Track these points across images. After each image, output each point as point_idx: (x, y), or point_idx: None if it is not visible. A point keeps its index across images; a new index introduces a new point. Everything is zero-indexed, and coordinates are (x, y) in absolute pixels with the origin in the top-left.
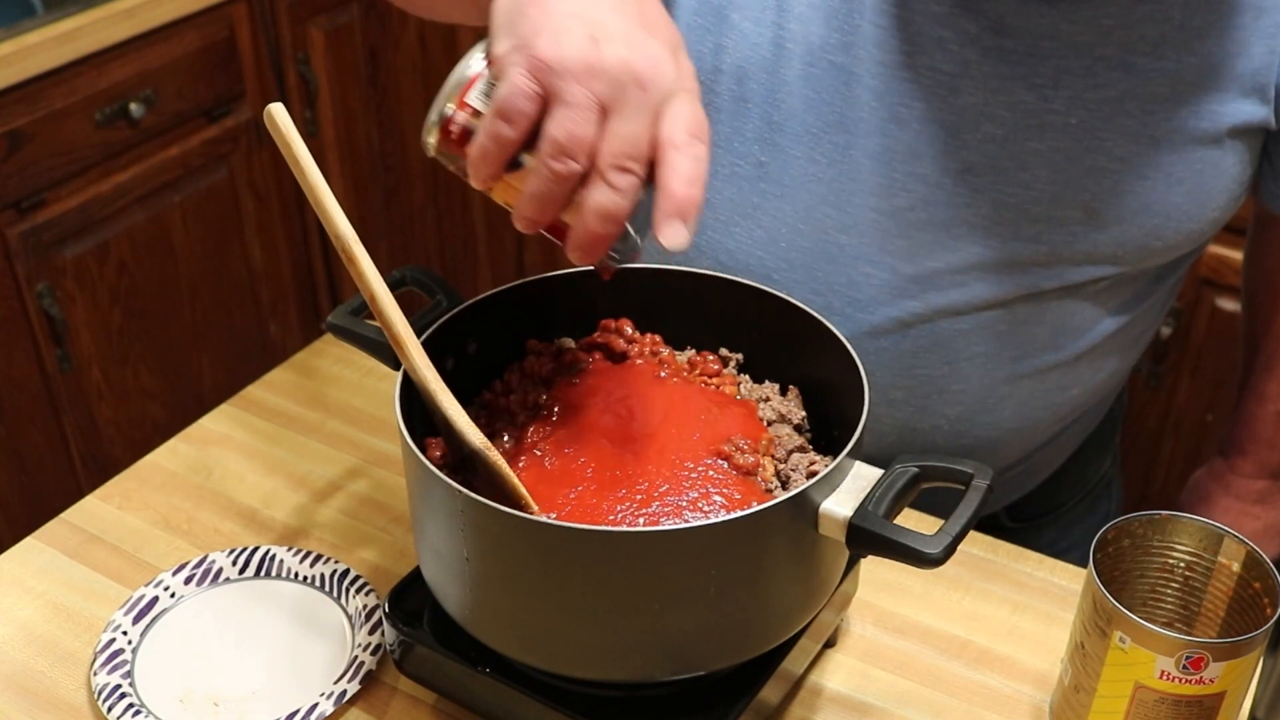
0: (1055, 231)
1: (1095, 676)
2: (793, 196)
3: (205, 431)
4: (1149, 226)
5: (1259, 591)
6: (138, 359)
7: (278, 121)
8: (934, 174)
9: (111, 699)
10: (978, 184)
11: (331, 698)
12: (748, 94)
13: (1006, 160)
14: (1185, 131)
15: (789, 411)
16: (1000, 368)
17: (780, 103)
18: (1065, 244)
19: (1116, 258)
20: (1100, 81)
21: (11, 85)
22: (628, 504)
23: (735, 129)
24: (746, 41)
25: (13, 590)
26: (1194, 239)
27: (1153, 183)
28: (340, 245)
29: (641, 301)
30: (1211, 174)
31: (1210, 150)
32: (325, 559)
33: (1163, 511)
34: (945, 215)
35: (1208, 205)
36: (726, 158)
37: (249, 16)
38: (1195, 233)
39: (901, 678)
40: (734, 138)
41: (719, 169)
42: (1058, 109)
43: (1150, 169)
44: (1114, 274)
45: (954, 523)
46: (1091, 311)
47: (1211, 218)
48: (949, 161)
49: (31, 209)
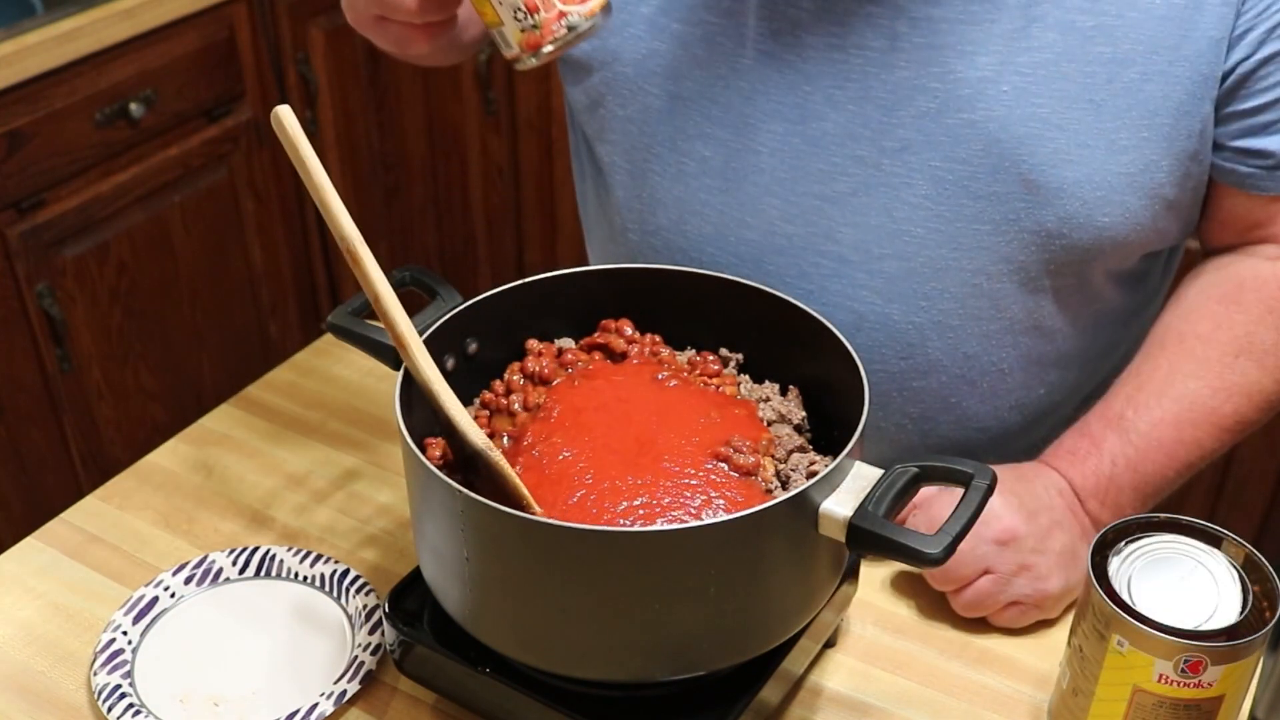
0: (997, 208)
1: (1094, 680)
2: (737, 190)
3: (205, 431)
4: (1092, 199)
5: (1258, 595)
6: (138, 359)
7: (284, 123)
8: (872, 155)
9: (111, 699)
10: (915, 162)
11: (331, 698)
12: (683, 92)
13: (941, 135)
14: (1129, 94)
15: (789, 411)
16: (956, 364)
17: (716, 98)
18: (1010, 222)
19: (1065, 236)
20: (1035, 44)
21: (11, 85)
22: (627, 504)
23: (677, 128)
24: (677, 41)
25: (13, 590)
26: (1145, 224)
27: (1093, 150)
28: (345, 246)
29: (641, 301)
30: (1159, 145)
31: (1159, 118)
32: (325, 559)
33: (1162, 513)
34: (886, 198)
35: (1155, 179)
36: (672, 157)
37: (249, 16)
38: (1144, 213)
39: (901, 678)
40: (677, 137)
41: (666, 169)
42: (988, 76)
43: (1090, 135)
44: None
45: (954, 523)
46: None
47: (1163, 196)
48: (885, 140)
49: (31, 209)
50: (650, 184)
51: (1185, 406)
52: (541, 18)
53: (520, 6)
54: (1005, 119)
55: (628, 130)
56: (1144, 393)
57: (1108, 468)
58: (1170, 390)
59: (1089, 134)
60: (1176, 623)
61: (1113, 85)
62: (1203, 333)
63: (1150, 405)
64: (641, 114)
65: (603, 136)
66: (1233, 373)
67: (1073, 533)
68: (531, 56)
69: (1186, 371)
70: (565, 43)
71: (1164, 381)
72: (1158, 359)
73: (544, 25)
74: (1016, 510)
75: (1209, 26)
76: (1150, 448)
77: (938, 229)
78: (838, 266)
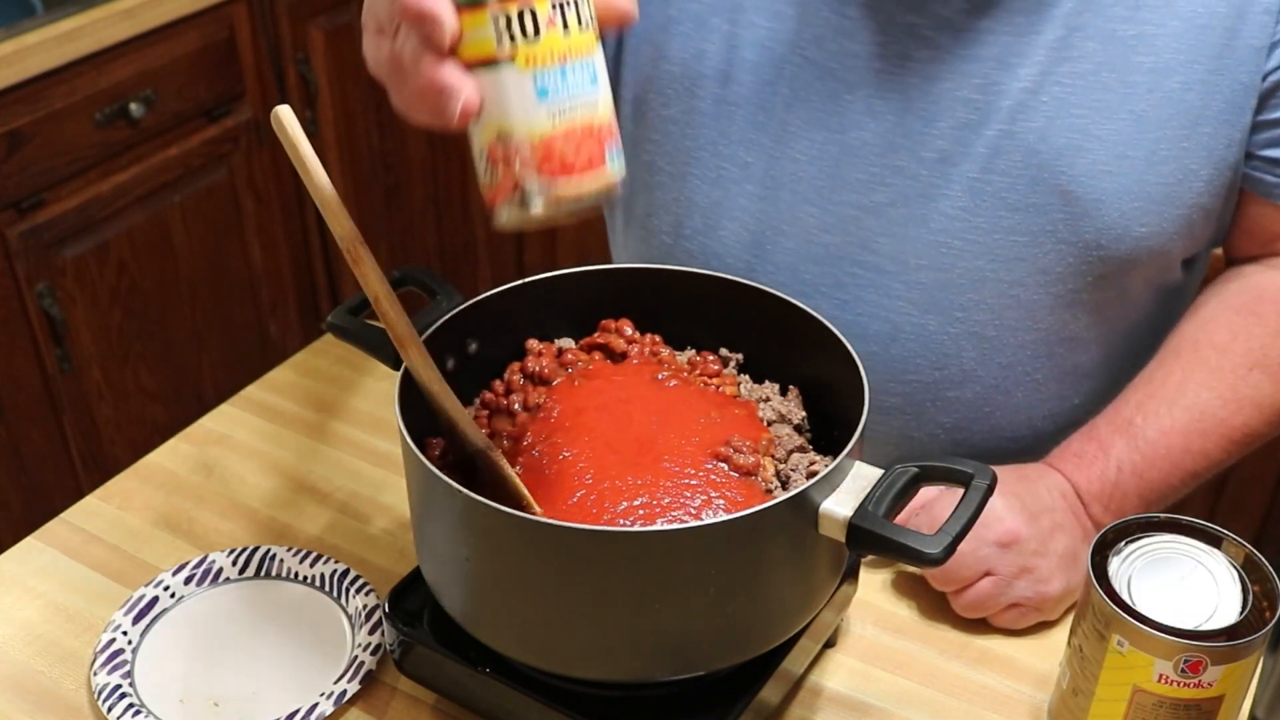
0: (1035, 219)
1: (1093, 680)
2: (775, 198)
3: (205, 431)
4: (1131, 210)
5: (1258, 595)
6: (138, 359)
7: (285, 123)
8: (910, 165)
9: (111, 699)
10: (953, 173)
11: (331, 698)
12: (730, 96)
13: (981, 146)
14: (1171, 104)
15: (789, 411)
16: (991, 375)
17: (761, 103)
18: (1048, 234)
19: (1103, 248)
20: (1075, 54)
21: (11, 85)
22: (627, 504)
23: (720, 132)
24: (726, 44)
25: (13, 590)
26: (1183, 233)
27: (1134, 161)
28: (345, 246)
29: (641, 301)
30: (1199, 155)
31: (1200, 127)
32: (325, 559)
33: (1162, 514)
34: (924, 209)
35: (1194, 189)
36: (712, 161)
37: (249, 16)
38: (1181, 222)
39: (901, 678)
40: (719, 141)
41: (705, 172)
42: (1029, 87)
43: (1131, 146)
44: (1103, 273)
45: (954, 523)
46: (1087, 323)
47: (1201, 205)
48: (924, 151)
49: (31, 209)
50: (689, 187)
51: (1195, 416)
52: (498, 175)
53: (482, 149)
54: (1045, 130)
55: (669, 131)
56: (1155, 400)
57: (1113, 473)
58: (1182, 399)
59: (1129, 145)
60: (1176, 623)
61: (1154, 95)
62: (1219, 343)
63: (1160, 413)
64: (685, 115)
65: (644, 135)
66: (1246, 385)
67: (1074, 535)
68: (499, 211)
69: (1199, 381)
70: (521, 218)
71: (1176, 390)
72: (1171, 366)
73: (498, 186)
74: (1019, 512)
75: (1251, 35)
76: (1157, 455)
77: (975, 240)
78: (874, 277)
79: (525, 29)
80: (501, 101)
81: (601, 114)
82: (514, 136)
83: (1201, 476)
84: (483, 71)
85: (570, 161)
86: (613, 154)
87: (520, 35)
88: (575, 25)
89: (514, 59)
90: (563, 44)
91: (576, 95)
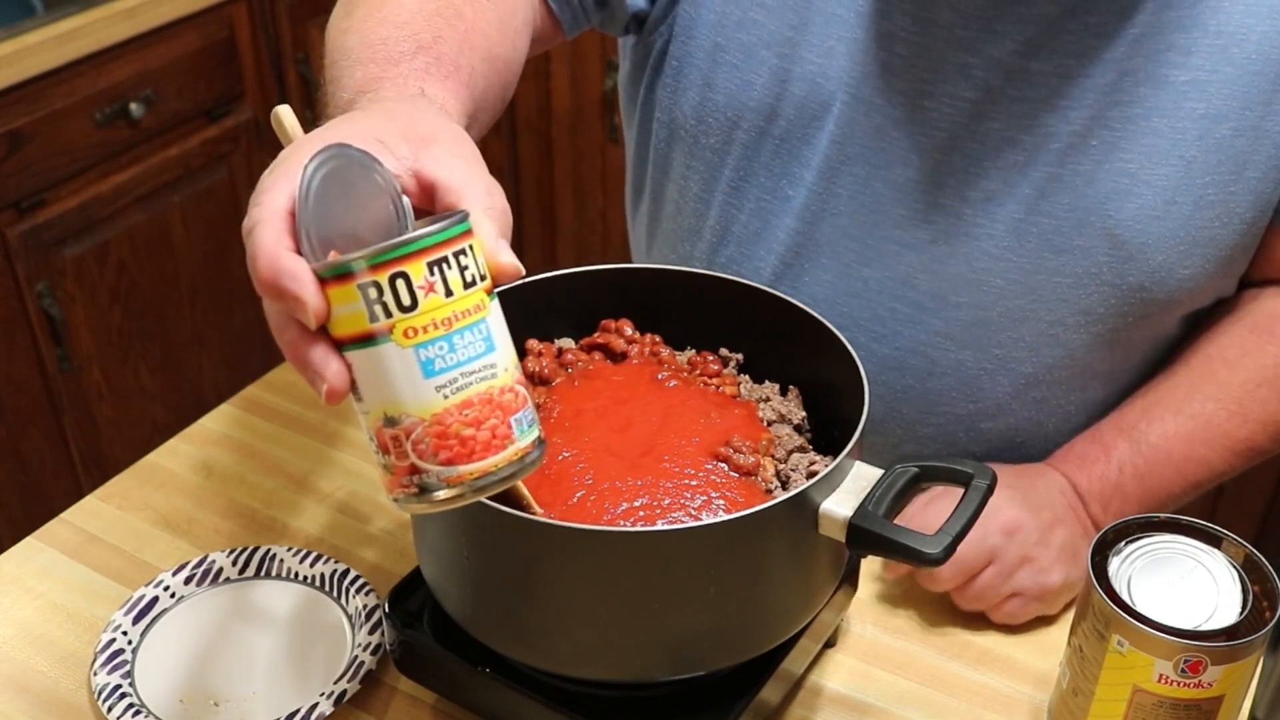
0: (1079, 261)
1: (1093, 680)
2: (815, 230)
3: (205, 431)
4: (1176, 254)
5: (1258, 595)
6: (138, 359)
7: (284, 123)
8: (954, 204)
9: (111, 699)
10: (998, 213)
11: (331, 698)
12: (774, 130)
13: (1027, 188)
14: (1220, 150)
15: (789, 412)
16: (1026, 409)
17: (807, 138)
18: (1091, 276)
19: (1146, 290)
20: (1126, 98)
21: (11, 85)
22: (628, 504)
23: (763, 164)
24: (774, 78)
25: (13, 590)
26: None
27: (1181, 206)
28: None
29: (641, 301)
30: (1245, 199)
31: (1247, 171)
32: (325, 559)
33: (1162, 514)
34: (966, 247)
35: (1238, 230)
36: (752, 191)
37: (249, 16)
38: (1223, 261)
39: (901, 678)
40: (760, 173)
41: (745, 203)
42: (1078, 130)
43: (1178, 191)
44: (1144, 314)
45: (954, 523)
46: (1123, 357)
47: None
48: (970, 190)
49: (31, 209)
50: (728, 215)
51: (1200, 425)
52: (391, 462)
53: (370, 433)
54: (1093, 174)
55: (708, 159)
56: (1160, 406)
57: (1114, 474)
58: (1187, 407)
59: (1178, 190)
60: (1176, 623)
61: (1204, 141)
62: (1230, 358)
63: (1165, 419)
64: (724, 144)
65: (687, 161)
66: (1252, 400)
67: (1074, 530)
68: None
69: (1206, 393)
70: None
71: (1182, 398)
72: (1180, 376)
73: (393, 474)
74: (1020, 504)
75: None
76: (1159, 460)
77: (1017, 280)
78: (913, 313)
79: (400, 299)
80: (383, 381)
81: (501, 379)
82: (402, 419)
83: (1203, 486)
84: (358, 349)
85: (470, 439)
86: (522, 423)
87: (396, 306)
88: (459, 286)
89: (391, 333)
90: (445, 309)
91: (469, 363)
